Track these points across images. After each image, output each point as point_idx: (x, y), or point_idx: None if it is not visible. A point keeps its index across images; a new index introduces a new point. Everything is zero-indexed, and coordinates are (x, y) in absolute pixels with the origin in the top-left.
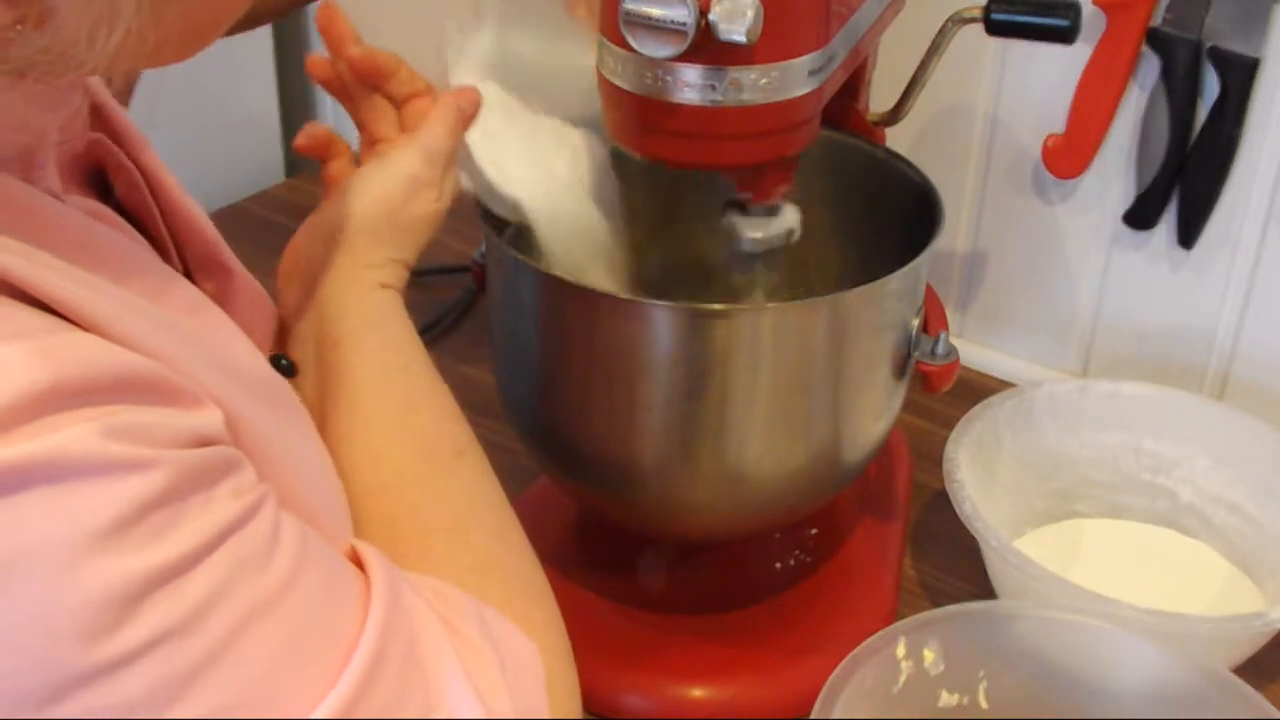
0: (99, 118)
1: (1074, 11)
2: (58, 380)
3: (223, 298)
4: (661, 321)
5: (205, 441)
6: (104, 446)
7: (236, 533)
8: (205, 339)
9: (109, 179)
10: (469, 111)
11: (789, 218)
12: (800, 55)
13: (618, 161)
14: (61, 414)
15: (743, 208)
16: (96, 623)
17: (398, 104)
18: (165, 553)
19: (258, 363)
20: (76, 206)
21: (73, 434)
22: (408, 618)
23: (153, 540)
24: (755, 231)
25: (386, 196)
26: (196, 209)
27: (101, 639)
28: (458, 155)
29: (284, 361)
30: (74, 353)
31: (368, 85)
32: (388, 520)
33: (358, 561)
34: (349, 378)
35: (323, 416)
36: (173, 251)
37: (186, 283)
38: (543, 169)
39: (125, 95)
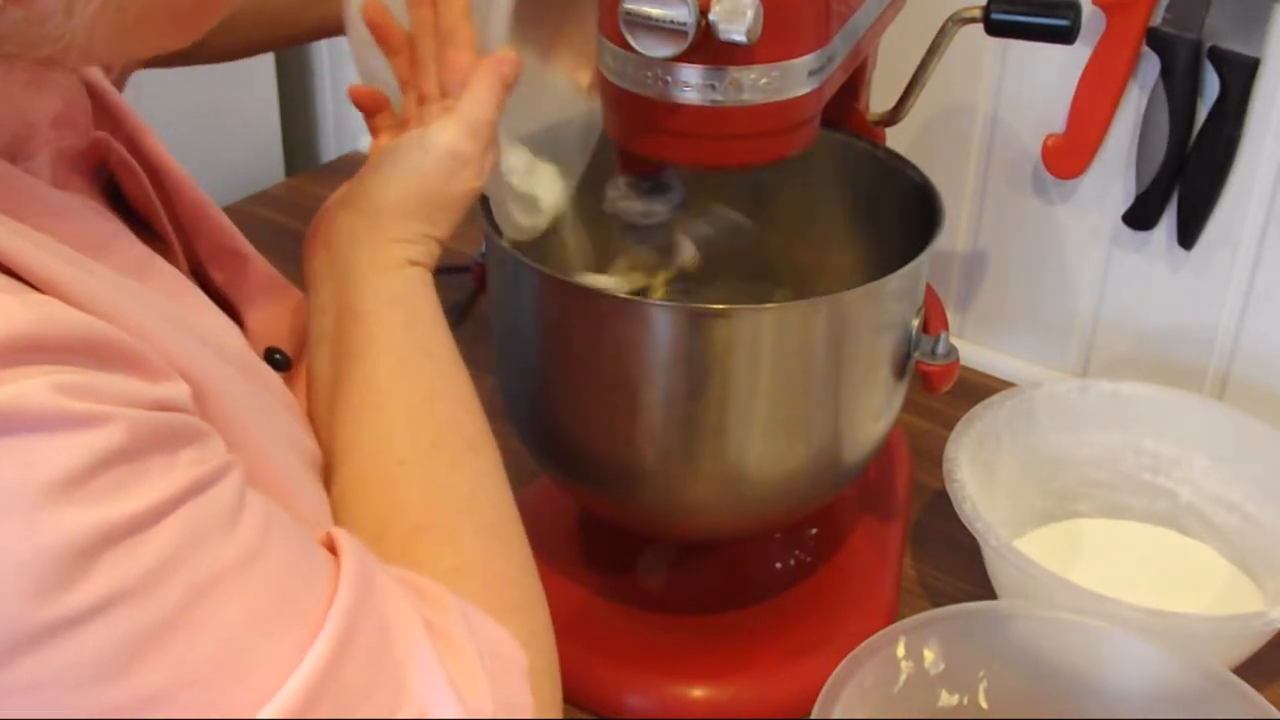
0: (104, 113)
1: (1074, 11)
2: (7, 335)
3: (235, 284)
4: (661, 321)
5: (165, 408)
6: (56, 400)
7: (198, 496)
8: (182, 316)
9: (115, 179)
10: (510, 77)
11: (675, 193)
12: (800, 55)
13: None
14: (10, 369)
15: (629, 183)
16: (49, 577)
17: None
18: (122, 508)
19: (241, 346)
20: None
21: (21, 387)
22: (379, 605)
23: (109, 495)
24: (636, 204)
25: (425, 173)
26: (205, 198)
27: (54, 595)
28: (497, 130)
29: (277, 355)
30: (28, 311)
31: (441, 39)
32: (378, 513)
33: (332, 547)
34: (368, 354)
35: (335, 389)
36: (178, 249)
37: (168, 266)
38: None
39: (118, 85)
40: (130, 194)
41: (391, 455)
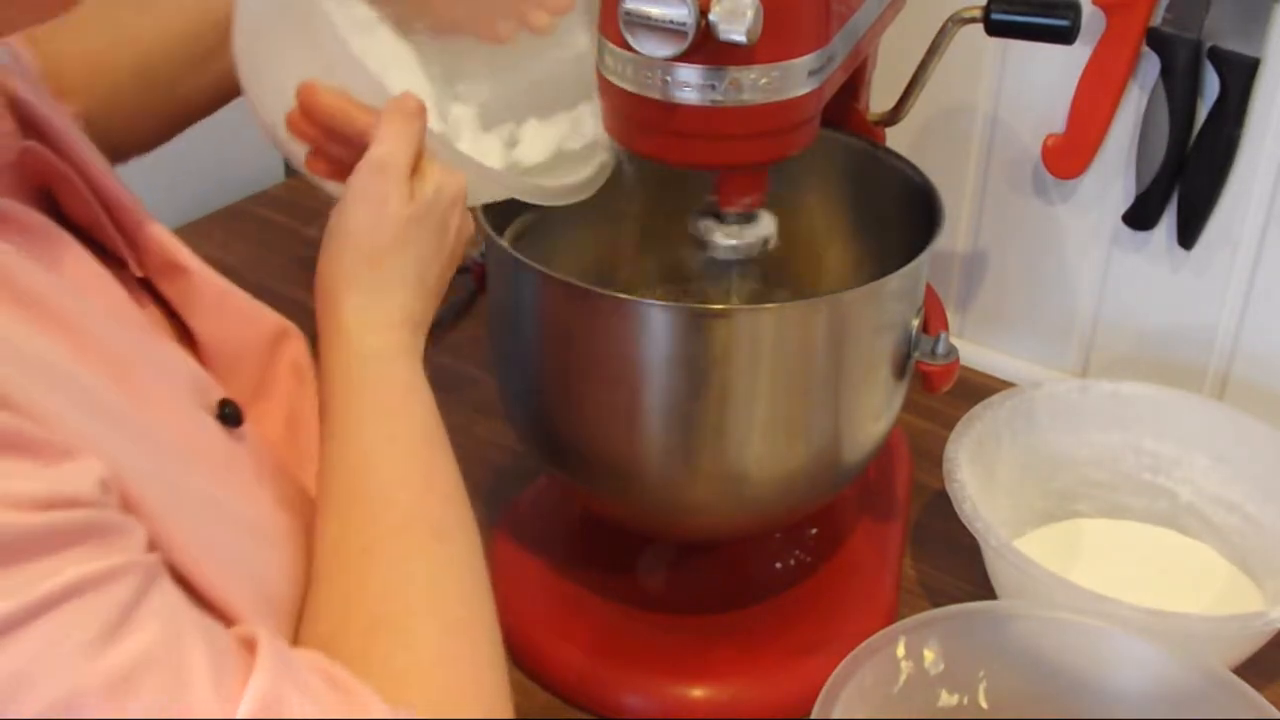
0: (29, 127)
1: (1074, 11)
2: None
3: (184, 299)
4: (661, 321)
5: (56, 503)
6: None
7: (73, 600)
8: (108, 391)
9: (52, 191)
10: (414, 108)
11: (765, 225)
12: (800, 55)
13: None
14: None
15: (717, 214)
16: None
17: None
18: None
19: (182, 418)
20: (4, 212)
21: None
22: (300, 692)
23: None
24: (729, 239)
25: (348, 231)
26: (144, 210)
27: None
28: (433, 154)
29: (227, 410)
30: None
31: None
32: (342, 602)
33: (251, 646)
34: (331, 446)
35: (319, 463)
36: (130, 257)
37: (117, 289)
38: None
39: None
40: (69, 207)
41: (355, 543)
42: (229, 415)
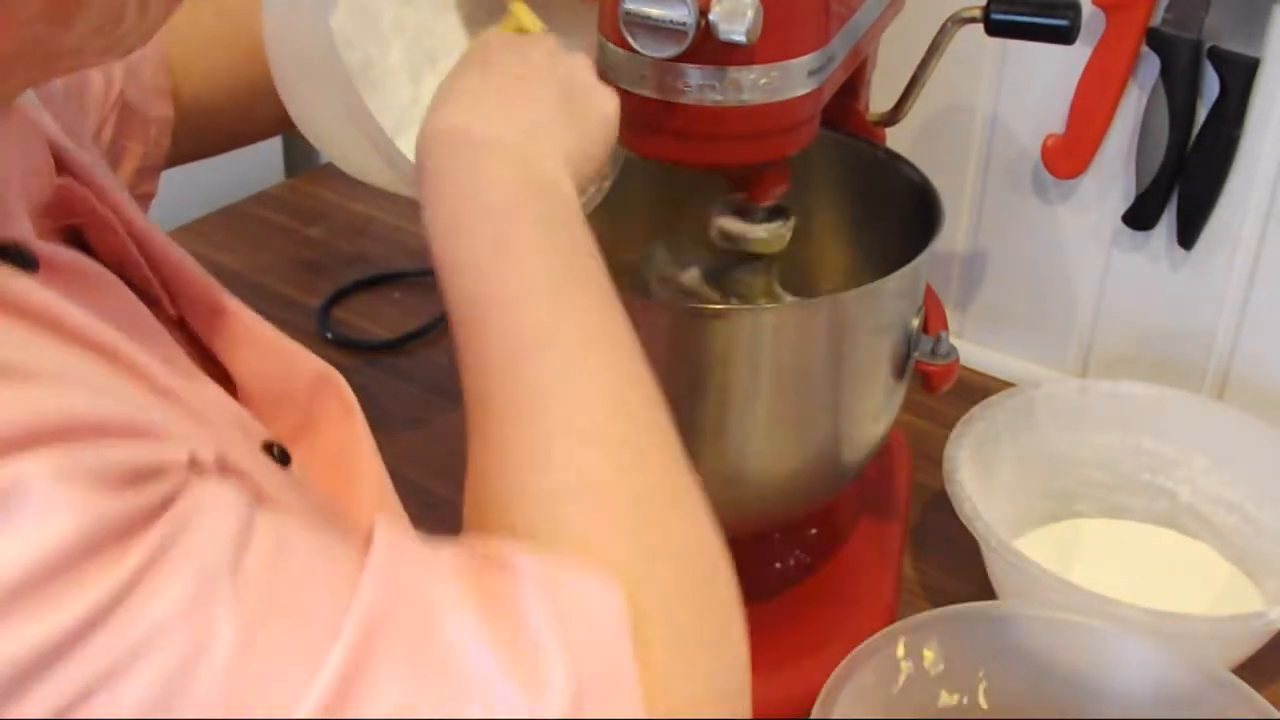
0: (62, 167)
1: (1074, 11)
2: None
3: (221, 339)
4: (661, 321)
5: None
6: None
7: (184, 543)
8: (176, 427)
9: (82, 231)
10: None
11: (787, 215)
12: (800, 55)
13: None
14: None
15: (738, 210)
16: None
17: None
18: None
19: (240, 455)
20: (50, 259)
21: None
22: (409, 602)
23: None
24: (759, 232)
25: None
26: (180, 250)
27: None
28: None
29: (274, 451)
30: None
31: None
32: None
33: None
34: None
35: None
36: (164, 297)
37: (170, 371)
38: None
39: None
40: (101, 246)
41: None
42: (276, 456)
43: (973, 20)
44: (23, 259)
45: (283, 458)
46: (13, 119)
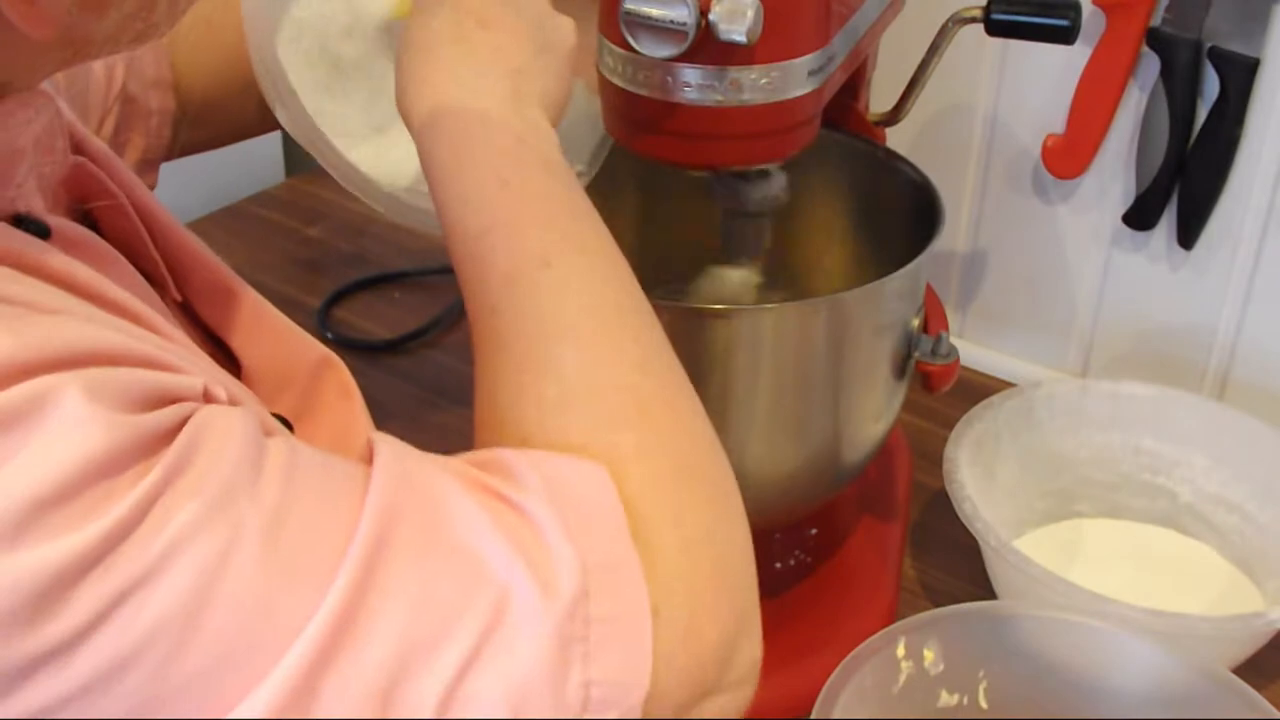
0: (76, 143)
1: (1074, 11)
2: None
3: (228, 323)
4: (661, 321)
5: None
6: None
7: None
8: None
9: (91, 211)
10: None
11: (780, 178)
12: (800, 55)
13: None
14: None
15: (739, 174)
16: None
17: None
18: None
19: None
20: (61, 231)
21: (49, 382)
22: (419, 495)
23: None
24: (757, 191)
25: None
26: (189, 233)
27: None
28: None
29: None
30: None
31: None
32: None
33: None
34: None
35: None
36: (169, 280)
37: (163, 307)
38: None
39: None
40: (110, 226)
41: (477, 302)
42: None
43: (973, 20)
44: (36, 228)
45: (287, 427)
46: (36, 98)
